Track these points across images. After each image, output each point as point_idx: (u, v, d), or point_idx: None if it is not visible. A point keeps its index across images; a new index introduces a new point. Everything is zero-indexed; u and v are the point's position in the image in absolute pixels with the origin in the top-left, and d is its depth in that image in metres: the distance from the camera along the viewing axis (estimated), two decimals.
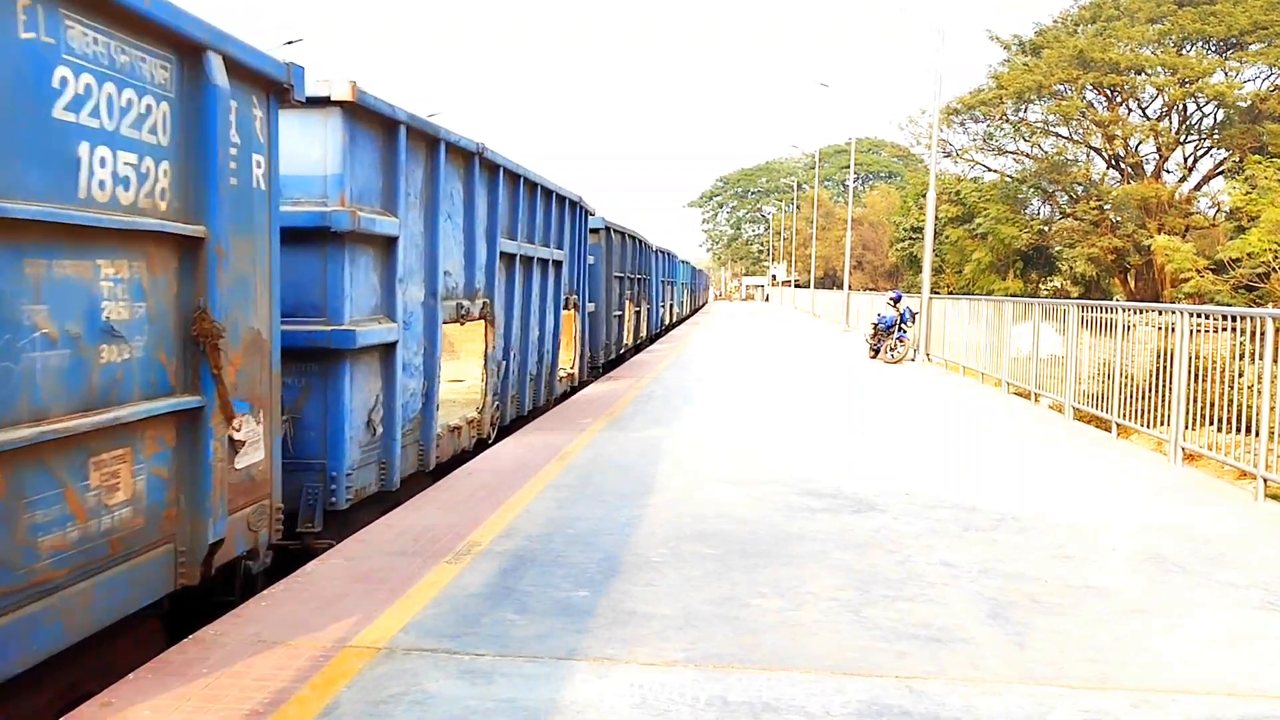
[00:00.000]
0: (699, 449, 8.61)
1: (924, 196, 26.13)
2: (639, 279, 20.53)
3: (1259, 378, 7.42)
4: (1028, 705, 3.49)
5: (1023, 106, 39.11)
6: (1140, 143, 38.39)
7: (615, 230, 16.86)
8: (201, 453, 4.11)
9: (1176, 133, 37.36)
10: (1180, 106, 36.82)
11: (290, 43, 33.15)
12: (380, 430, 6.43)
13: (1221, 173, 37.06)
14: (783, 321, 40.83)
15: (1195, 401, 8.63)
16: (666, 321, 29.93)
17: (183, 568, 4.08)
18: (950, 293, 37.76)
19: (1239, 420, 7.92)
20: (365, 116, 6.11)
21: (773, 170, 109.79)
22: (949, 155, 41.49)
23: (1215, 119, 36.66)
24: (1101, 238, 36.37)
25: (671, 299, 31.87)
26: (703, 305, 63.00)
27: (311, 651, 3.84)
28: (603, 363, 15.99)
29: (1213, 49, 36.02)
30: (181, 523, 4.06)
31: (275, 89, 4.74)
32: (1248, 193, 27.79)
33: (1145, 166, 38.30)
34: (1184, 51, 35.89)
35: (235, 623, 4.15)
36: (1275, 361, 7.20)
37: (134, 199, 3.74)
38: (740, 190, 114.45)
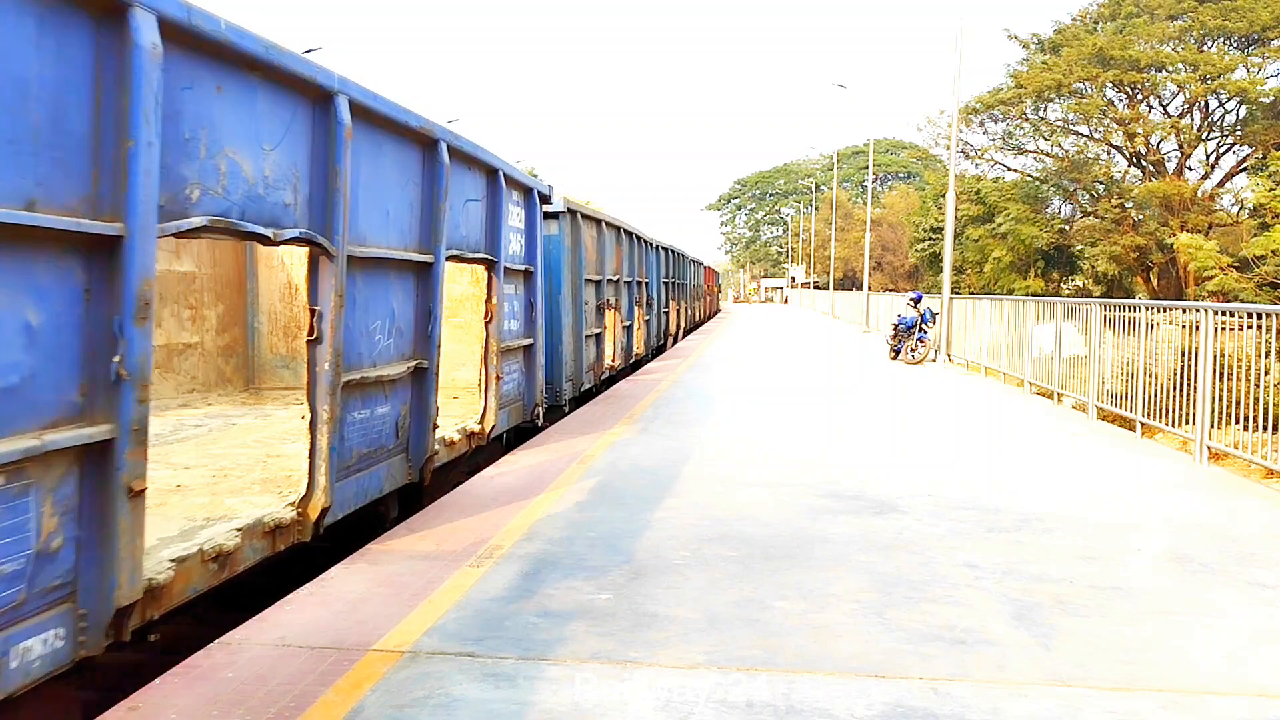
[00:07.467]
0: (719, 450, 8.60)
1: (943, 197, 26.02)
2: (678, 283, 27.36)
3: None
4: (1054, 707, 3.47)
5: (1042, 105, 38.88)
6: (1162, 140, 38.09)
7: (662, 248, 22.70)
8: (535, 365, 9.61)
9: (1198, 130, 37.02)
10: (1202, 103, 36.51)
11: (309, 51, 33.46)
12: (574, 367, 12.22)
13: (1244, 169, 36.69)
14: (801, 323, 40.72)
15: (1221, 400, 8.54)
16: (696, 319, 36.94)
17: (525, 412, 9.36)
18: (971, 293, 37.56)
19: (1265, 418, 7.84)
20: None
21: (791, 172, 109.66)
22: (968, 155, 41.34)
23: (1238, 115, 36.33)
24: (1123, 236, 36.07)
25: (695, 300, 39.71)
26: (715, 313, 52.55)
27: (336, 655, 3.86)
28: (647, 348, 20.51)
29: (1234, 45, 35.68)
30: (525, 393, 9.34)
31: (542, 197, 9.69)
32: (1271, 189, 27.51)
33: (1167, 164, 37.98)
34: (1205, 48, 35.58)
35: (260, 627, 4.18)
36: None
37: (522, 254, 9.10)
38: (758, 192, 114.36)
